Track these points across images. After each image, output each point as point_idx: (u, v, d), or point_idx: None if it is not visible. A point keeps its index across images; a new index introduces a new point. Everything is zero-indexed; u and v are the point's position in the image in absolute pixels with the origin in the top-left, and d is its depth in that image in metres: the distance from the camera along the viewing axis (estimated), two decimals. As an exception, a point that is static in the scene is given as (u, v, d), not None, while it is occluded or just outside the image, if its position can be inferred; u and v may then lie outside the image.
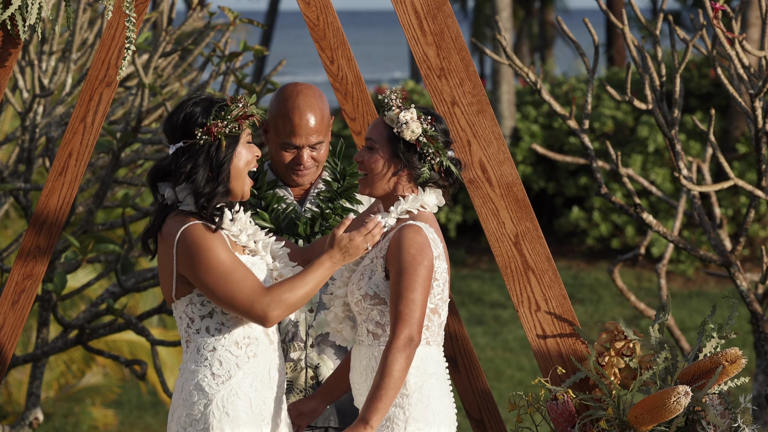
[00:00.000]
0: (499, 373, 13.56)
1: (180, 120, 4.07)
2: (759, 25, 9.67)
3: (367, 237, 4.08)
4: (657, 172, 16.93)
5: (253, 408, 4.04)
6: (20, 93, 7.04)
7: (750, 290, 5.83)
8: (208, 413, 4.01)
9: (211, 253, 3.99)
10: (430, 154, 4.10)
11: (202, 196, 4.03)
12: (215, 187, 4.04)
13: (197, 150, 4.05)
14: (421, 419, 4.05)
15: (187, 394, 4.04)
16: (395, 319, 3.99)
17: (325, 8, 4.68)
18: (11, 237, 10.60)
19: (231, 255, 4.02)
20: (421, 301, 4.00)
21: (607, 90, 5.53)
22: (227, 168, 4.06)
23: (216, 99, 4.11)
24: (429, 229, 4.08)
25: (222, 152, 4.05)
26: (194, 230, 4.02)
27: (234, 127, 4.06)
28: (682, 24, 27.34)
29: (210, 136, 4.04)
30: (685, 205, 8.04)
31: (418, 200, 4.13)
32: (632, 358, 4.45)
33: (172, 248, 4.04)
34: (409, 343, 3.97)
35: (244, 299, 3.98)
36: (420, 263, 4.01)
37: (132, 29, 4.51)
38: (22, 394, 10.46)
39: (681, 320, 14.84)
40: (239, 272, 3.99)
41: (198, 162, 4.04)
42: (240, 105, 4.07)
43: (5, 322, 4.72)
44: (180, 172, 4.04)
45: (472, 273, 17.48)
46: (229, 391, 4.02)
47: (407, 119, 4.09)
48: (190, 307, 4.08)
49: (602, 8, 5.78)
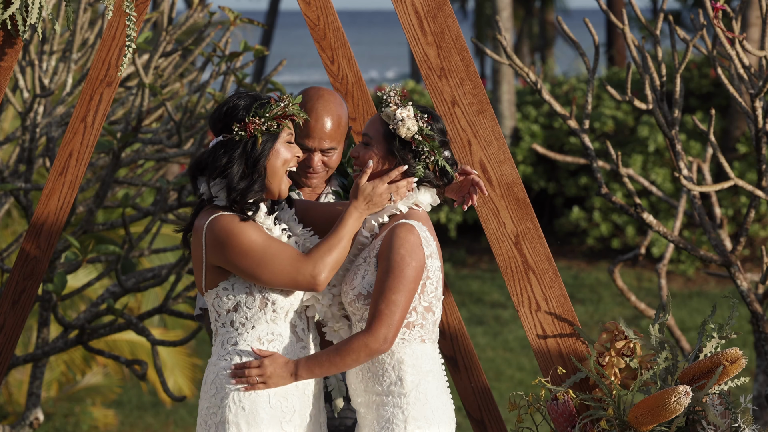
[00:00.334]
0: (500, 373, 13.56)
1: (222, 113, 4.11)
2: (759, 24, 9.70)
3: (391, 186, 4.09)
4: (657, 172, 16.93)
5: (271, 404, 4.05)
6: (21, 93, 7.04)
7: (750, 290, 5.83)
8: (224, 407, 4.04)
9: (242, 236, 4.01)
10: (425, 152, 4.10)
11: (235, 191, 4.05)
12: (250, 183, 4.06)
13: (234, 145, 4.08)
14: (420, 417, 4.05)
15: (208, 387, 4.09)
16: (373, 317, 3.99)
17: (325, 8, 4.68)
18: (12, 237, 10.60)
19: (262, 233, 4.04)
20: (404, 304, 4.00)
21: (608, 90, 5.53)
22: (263, 164, 4.08)
23: (261, 96, 4.13)
24: (422, 227, 4.08)
25: (258, 149, 4.06)
26: (222, 219, 4.05)
27: (272, 125, 4.07)
28: (683, 24, 27.34)
29: (246, 132, 4.05)
30: (685, 205, 8.04)
31: (413, 198, 4.13)
32: (632, 358, 4.45)
33: (201, 240, 4.07)
34: (383, 343, 3.99)
35: (287, 272, 4.01)
36: (408, 264, 4.01)
37: (132, 29, 4.51)
38: (23, 394, 10.46)
39: (681, 320, 14.84)
40: (274, 247, 4.02)
41: (233, 157, 4.06)
42: (282, 104, 4.09)
43: (5, 322, 4.72)
44: (215, 166, 4.07)
45: (473, 273, 17.47)
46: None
47: (403, 116, 4.09)
48: (216, 301, 4.11)
49: (602, 8, 5.78)
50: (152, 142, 6.66)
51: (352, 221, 4.09)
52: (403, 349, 4.07)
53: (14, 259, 6.90)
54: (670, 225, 16.06)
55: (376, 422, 4.08)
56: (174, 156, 6.80)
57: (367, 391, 4.11)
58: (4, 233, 10.74)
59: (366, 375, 4.11)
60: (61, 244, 6.70)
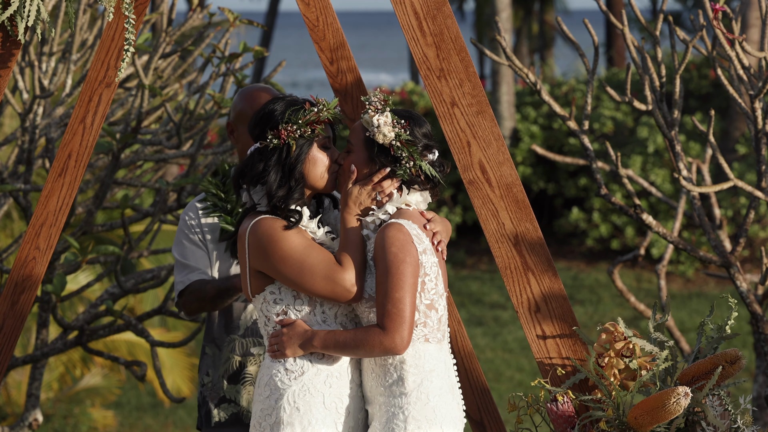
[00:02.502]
0: (499, 374, 13.55)
1: (259, 119, 4.14)
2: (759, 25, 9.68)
3: (376, 186, 4.11)
4: (657, 173, 16.92)
5: (326, 404, 4.07)
6: (20, 94, 7.04)
7: (750, 291, 5.82)
8: (279, 408, 4.06)
9: (283, 242, 4.04)
10: (404, 158, 4.11)
11: (275, 198, 4.08)
12: (289, 191, 4.08)
13: (269, 152, 4.09)
14: (420, 417, 4.04)
15: (262, 389, 4.11)
16: (383, 318, 4.00)
17: (324, 9, 4.68)
18: (11, 238, 10.59)
19: (303, 240, 4.06)
20: (410, 300, 4.01)
21: (607, 91, 5.53)
22: (299, 171, 4.10)
23: (297, 100, 4.14)
24: (411, 225, 4.08)
25: (292, 156, 4.08)
26: (264, 223, 4.07)
27: (306, 131, 4.07)
28: (682, 25, 27.35)
29: (279, 140, 4.06)
30: (684, 206, 8.03)
31: (401, 201, 4.15)
32: (632, 359, 4.44)
33: (244, 244, 4.09)
34: (400, 343, 4.00)
35: (323, 284, 4.03)
36: (403, 260, 4.01)
37: (131, 31, 4.50)
38: (22, 395, 10.46)
39: (681, 321, 14.83)
40: (314, 255, 4.04)
41: (269, 164, 4.09)
42: (315, 109, 4.09)
43: (5, 323, 4.71)
44: (253, 174, 4.10)
45: (472, 274, 17.47)
46: (300, 386, 4.06)
47: (380, 123, 4.11)
48: (265, 305, 4.13)
49: (602, 9, 5.78)
50: (151, 143, 6.66)
51: (351, 226, 4.12)
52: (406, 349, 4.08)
53: (13, 260, 6.90)
54: (669, 226, 16.05)
55: (378, 421, 4.09)
56: (173, 157, 6.80)
57: (375, 389, 4.13)
58: (4, 234, 10.74)
59: (371, 374, 4.13)
60: (60, 245, 6.69)
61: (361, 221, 4.14)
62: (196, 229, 4.82)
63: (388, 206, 4.13)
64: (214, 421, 4.83)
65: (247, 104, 4.76)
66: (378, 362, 4.10)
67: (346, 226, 4.11)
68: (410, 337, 4.01)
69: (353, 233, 4.10)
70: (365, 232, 4.14)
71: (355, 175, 4.13)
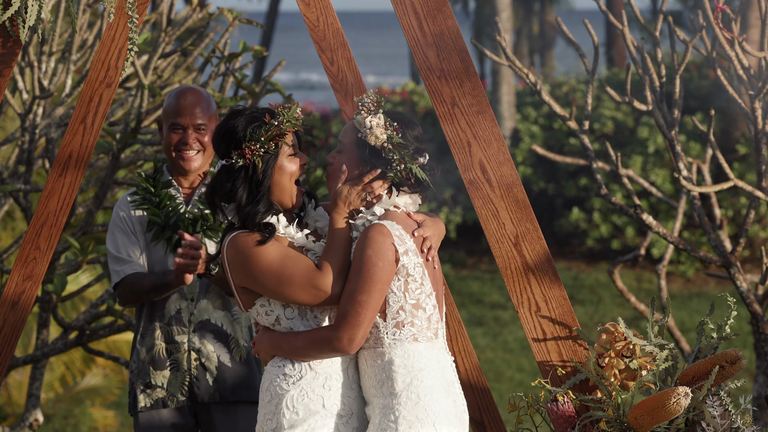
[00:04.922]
0: (499, 374, 13.56)
1: (221, 136, 4.12)
2: (759, 26, 9.67)
3: (366, 186, 4.11)
4: (657, 173, 16.93)
5: (327, 407, 4.08)
6: (20, 94, 7.04)
7: (750, 291, 5.82)
8: (279, 413, 4.07)
9: (258, 257, 4.05)
10: (395, 160, 4.10)
11: (245, 214, 4.08)
12: (256, 206, 4.07)
13: (236, 171, 4.09)
14: (411, 417, 4.03)
15: (264, 394, 4.13)
16: (340, 316, 4.02)
17: (325, 9, 4.68)
18: (12, 238, 10.60)
19: (279, 251, 4.06)
20: (372, 304, 4.01)
21: (607, 91, 5.53)
22: (267, 185, 4.09)
23: (256, 112, 4.11)
24: (395, 226, 4.07)
25: (259, 173, 4.08)
26: (238, 239, 4.09)
27: (270, 147, 4.07)
28: (682, 25, 27.34)
29: (244, 159, 4.06)
30: (685, 206, 8.03)
31: (389, 203, 4.14)
32: (632, 360, 4.44)
33: (224, 262, 4.11)
34: (347, 344, 4.02)
35: (304, 291, 4.04)
36: (374, 264, 4.01)
37: (134, 31, 4.51)
38: (22, 395, 10.46)
39: (681, 321, 14.83)
40: (290, 266, 4.04)
41: (237, 183, 4.09)
42: (276, 123, 4.08)
43: (5, 323, 4.71)
44: (223, 192, 4.11)
45: (472, 274, 17.47)
46: (299, 391, 4.07)
47: (372, 125, 4.10)
48: (259, 317, 4.16)
49: (602, 9, 5.78)
50: (151, 143, 6.66)
51: (340, 228, 4.11)
52: (394, 350, 4.07)
53: (14, 260, 6.90)
54: (669, 226, 16.05)
55: (373, 422, 4.09)
56: (173, 157, 6.79)
57: (369, 390, 4.13)
58: (4, 234, 10.74)
59: (365, 376, 4.14)
60: (60, 245, 6.70)
61: (349, 223, 4.13)
62: (127, 222, 5.10)
63: (377, 208, 4.12)
64: (140, 405, 5.11)
65: (172, 101, 5.09)
66: (369, 363, 4.10)
67: (335, 227, 4.11)
68: (361, 341, 4.03)
69: (340, 234, 4.09)
70: (354, 234, 4.13)
71: (345, 175, 4.13)
